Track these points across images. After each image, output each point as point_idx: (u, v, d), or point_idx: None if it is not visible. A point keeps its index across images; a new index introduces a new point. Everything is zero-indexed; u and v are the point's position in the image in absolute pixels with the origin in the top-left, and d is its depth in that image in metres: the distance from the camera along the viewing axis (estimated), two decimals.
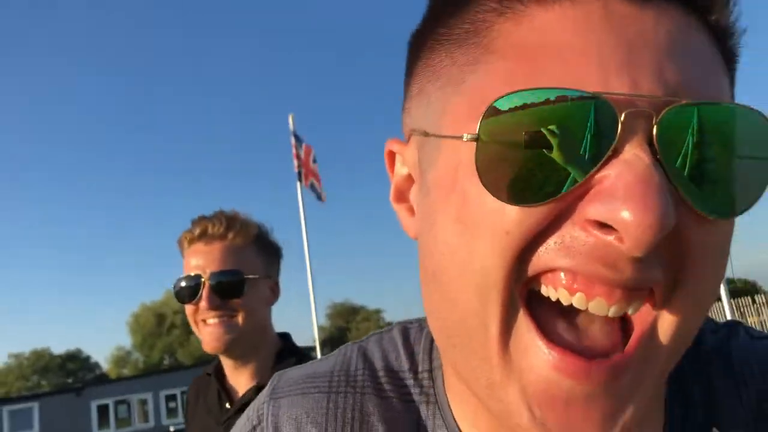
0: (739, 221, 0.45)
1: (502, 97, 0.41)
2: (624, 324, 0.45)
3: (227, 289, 1.71)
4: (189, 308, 1.75)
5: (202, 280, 1.71)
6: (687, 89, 0.41)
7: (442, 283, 0.48)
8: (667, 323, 0.44)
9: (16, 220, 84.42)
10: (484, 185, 0.42)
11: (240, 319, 1.73)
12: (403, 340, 0.66)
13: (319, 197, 14.27)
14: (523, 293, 0.44)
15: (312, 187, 14.27)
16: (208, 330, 1.73)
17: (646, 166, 0.39)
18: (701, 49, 0.45)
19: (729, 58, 0.48)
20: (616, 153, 0.40)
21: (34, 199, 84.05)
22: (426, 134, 0.50)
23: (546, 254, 0.42)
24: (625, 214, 0.38)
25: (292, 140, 14.54)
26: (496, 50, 0.45)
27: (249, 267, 1.76)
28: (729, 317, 8.87)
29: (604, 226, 0.40)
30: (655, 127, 0.40)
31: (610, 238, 0.40)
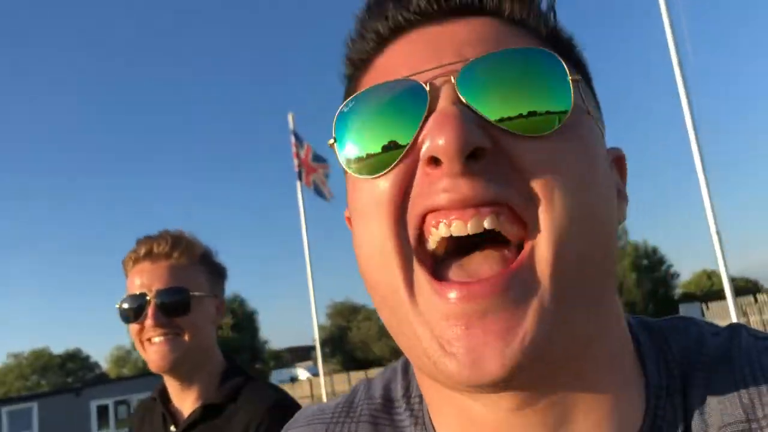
0: (741, 221, 0.40)
1: (344, 103, 0.56)
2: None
3: (173, 307, 1.69)
4: (133, 328, 1.72)
5: (148, 298, 1.69)
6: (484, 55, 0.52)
7: (368, 275, 0.56)
8: (542, 243, 0.49)
9: (15, 219, 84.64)
10: (349, 168, 0.54)
11: (186, 337, 1.71)
12: (403, 371, 0.71)
13: (323, 196, 14.10)
14: (423, 255, 0.52)
15: (316, 187, 14.12)
16: (153, 349, 1.69)
17: (447, 105, 0.49)
18: (505, 34, 0.55)
19: (552, 40, 0.58)
20: (432, 111, 0.50)
21: (33, 200, 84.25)
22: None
23: (414, 207, 0.51)
24: (437, 142, 0.47)
25: (292, 139, 14.43)
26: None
27: (195, 285, 1.75)
28: (734, 315, 8.78)
29: (436, 162, 0.49)
30: (454, 83, 0.51)
31: (440, 167, 0.48)
